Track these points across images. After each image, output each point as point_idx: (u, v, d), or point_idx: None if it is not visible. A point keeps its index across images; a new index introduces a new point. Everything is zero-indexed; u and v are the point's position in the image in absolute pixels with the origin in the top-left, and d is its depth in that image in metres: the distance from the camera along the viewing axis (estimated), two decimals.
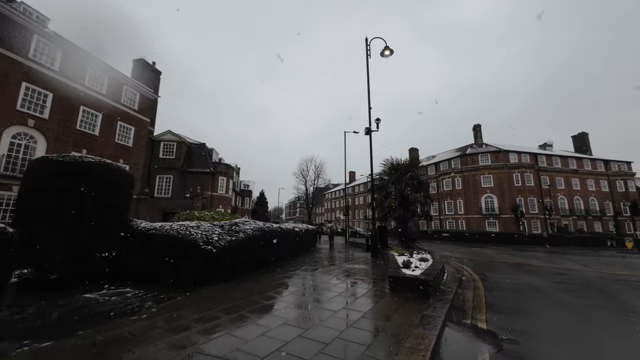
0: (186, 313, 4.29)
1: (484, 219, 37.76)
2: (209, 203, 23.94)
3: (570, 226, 38.58)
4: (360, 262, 10.67)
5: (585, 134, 46.73)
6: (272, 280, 6.70)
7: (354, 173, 78.14)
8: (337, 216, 71.71)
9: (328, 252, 15.19)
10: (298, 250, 13.39)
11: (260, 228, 8.40)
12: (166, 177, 23.36)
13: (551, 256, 16.08)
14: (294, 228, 13.11)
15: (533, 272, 9.70)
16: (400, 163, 14.55)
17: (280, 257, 10.30)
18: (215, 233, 6.80)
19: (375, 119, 14.12)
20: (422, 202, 13.74)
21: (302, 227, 15.12)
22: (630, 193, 42.68)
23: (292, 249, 12.14)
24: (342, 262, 10.65)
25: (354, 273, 8.19)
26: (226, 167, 26.34)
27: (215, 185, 24.92)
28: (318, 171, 40.91)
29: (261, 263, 8.45)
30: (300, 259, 11.18)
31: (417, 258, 9.11)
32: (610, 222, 40.97)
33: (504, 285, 7.27)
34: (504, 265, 11.60)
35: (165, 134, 23.97)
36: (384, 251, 12.09)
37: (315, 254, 13.40)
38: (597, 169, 42.64)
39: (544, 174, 39.17)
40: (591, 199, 40.97)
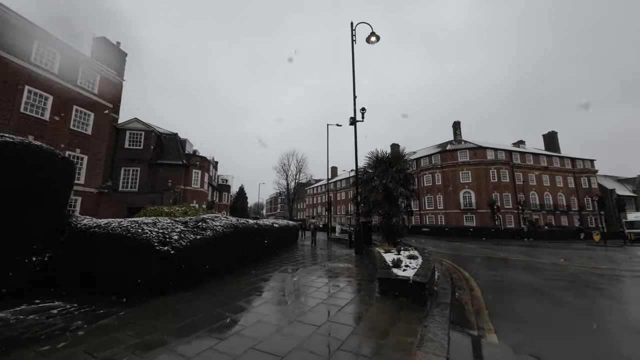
0: (123, 337, 3.26)
1: (462, 213, 38.70)
2: (182, 198, 22.25)
3: (541, 220, 40.51)
4: (345, 260, 9.94)
5: (555, 133, 49.18)
6: (245, 285, 5.74)
7: (336, 168, 77.75)
8: (318, 212, 71.18)
9: (310, 249, 14.37)
10: (278, 248, 12.46)
11: (233, 225, 7.37)
12: (133, 170, 21.33)
13: (531, 250, 16.32)
14: (272, 224, 12.14)
15: (521, 267, 9.45)
16: (385, 156, 13.93)
17: (258, 256, 9.33)
18: (176, 231, 5.71)
19: (360, 109, 13.39)
20: (408, 196, 13.24)
21: (282, 223, 14.18)
22: (592, 189, 45.60)
23: (271, 246, 11.18)
24: (325, 261, 9.86)
25: (338, 273, 7.41)
26: (201, 159, 24.61)
27: (189, 178, 23.20)
28: (300, 166, 39.88)
29: (234, 264, 7.45)
30: (280, 258, 10.26)
31: (406, 255, 8.50)
32: (576, 216, 43.57)
33: (498, 284, 6.81)
34: (490, 260, 11.38)
35: (131, 122, 21.82)
36: (369, 248, 11.46)
37: (297, 252, 12.53)
38: (565, 166, 45.06)
39: (518, 171, 40.76)
40: (559, 194, 43.27)
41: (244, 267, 7.72)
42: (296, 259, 10.29)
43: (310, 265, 8.64)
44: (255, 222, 9.60)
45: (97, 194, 18.36)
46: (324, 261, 9.76)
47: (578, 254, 14.36)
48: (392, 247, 10.77)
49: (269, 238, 10.87)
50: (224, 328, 3.58)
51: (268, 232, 10.71)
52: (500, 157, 39.99)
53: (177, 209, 14.68)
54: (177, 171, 22.48)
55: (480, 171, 38.64)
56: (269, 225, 11.09)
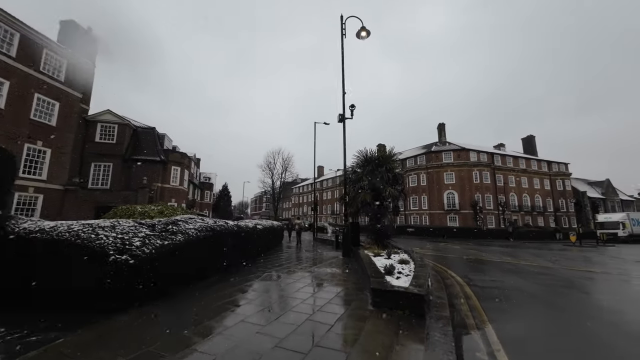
0: None
1: (446, 214, 39.28)
2: (159, 196, 20.90)
3: (519, 221, 41.86)
4: (332, 265, 9.38)
5: (533, 136, 51.08)
6: (219, 298, 5.04)
7: (323, 168, 77.32)
8: (304, 211, 70.49)
9: (295, 251, 13.72)
10: (261, 250, 11.73)
11: (209, 227, 6.61)
12: (104, 165, 19.76)
13: (514, 251, 16.48)
14: (255, 225, 11.39)
15: (512, 271, 9.28)
16: (374, 155, 13.51)
17: (238, 261, 8.59)
18: (139, 236, 4.91)
19: (349, 106, 12.86)
20: (397, 196, 12.89)
21: (265, 224, 13.45)
22: (567, 191, 47.74)
23: (253, 250, 10.46)
24: (311, 265, 9.26)
25: (325, 280, 6.83)
26: (181, 155, 23.26)
27: (167, 175, 21.84)
28: (286, 164, 38.97)
29: (211, 271, 6.69)
30: (263, 262, 9.56)
31: (397, 260, 8.06)
32: (551, 217, 45.42)
33: (494, 291, 6.46)
34: (478, 263, 11.20)
35: (103, 114, 20.21)
36: (357, 250, 10.98)
37: (281, 255, 11.85)
38: (542, 169, 46.86)
39: (499, 173, 41.90)
40: (536, 196, 44.91)
41: (223, 274, 6.98)
42: (280, 262, 9.62)
43: (295, 271, 8.01)
44: (236, 224, 8.85)
45: (62, 191, 16.79)
46: (309, 265, 9.16)
47: (562, 256, 14.57)
48: (381, 250, 10.34)
49: (251, 241, 10.14)
50: (187, 357, 2.89)
51: (250, 234, 9.98)
52: (482, 159, 40.94)
53: (153, 208, 13.62)
54: (154, 168, 21.10)
55: (464, 172, 39.37)
56: (251, 227, 10.35)
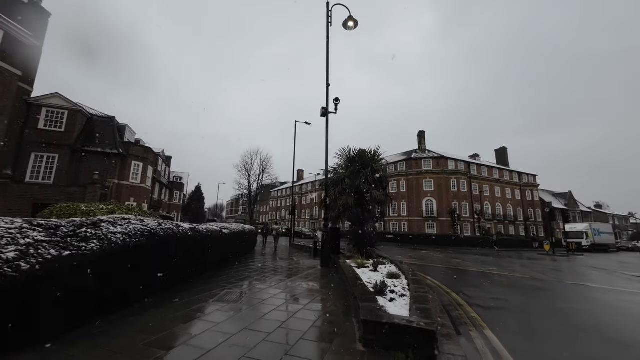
0: None
1: (424, 221, 39.33)
2: (114, 194, 18.38)
3: (493, 229, 42.99)
4: (309, 277, 8.01)
5: (505, 148, 53.35)
6: (146, 335, 3.49)
7: (302, 172, 75.98)
8: (282, 215, 68.41)
9: (269, 259, 12.16)
10: (228, 258, 10.09)
11: (147, 231, 5.00)
12: (48, 157, 16.98)
13: (498, 260, 16.02)
14: (221, 229, 9.76)
15: (508, 285, 8.46)
16: (358, 155, 12.42)
17: (193, 273, 6.97)
18: (21, 243, 3.27)
19: (333, 99, 11.70)
20: (382, 200, 11.84)
21: (234, 228, 11.81)
22: (535, 201, 50.06)
23: (215, 259, 8.82)
24: (284, 277, 7.82)
25: (300, 301, 5.46)
26: (144, 149, 20.81)
27: (126, 171, 19.35)
28: (264, 166, 37.02)
29: (147, 289, 5.07)
30: (227, 273, 7.97)
31: (386, 273, 6.86)
32: (521, 226, 47.21)
33: (503, 314, 5.43)
34: (469, 275, 10.32)
35: (50, 97, 17.47)
36: (337, 259, 9.71)
37: (252, 264, 10.27)
38: (513, 180, 48.83)
39: (475, 181, 42.92)
40: (508, 205, 46.56)
41: (165, 293, 5.37)
42: (248, 274, 8.09)
43: (263, 287, 6.54)
44: (193, 227, 7.24)
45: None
46: (283, 278, 7.72)
47: (545, 266, 14.27)
48: (365, 260, 9.15)
49: (213, 247, 8.52)
50: None
51: (213, 239, 8.37)
52: (460, 167, 41.73)
53: (102, 207, 11.53)
54: (110, 162, 18.58)
55: (442, 180, 39.80)
56: (214, 231, 8.73)
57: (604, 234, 37.94)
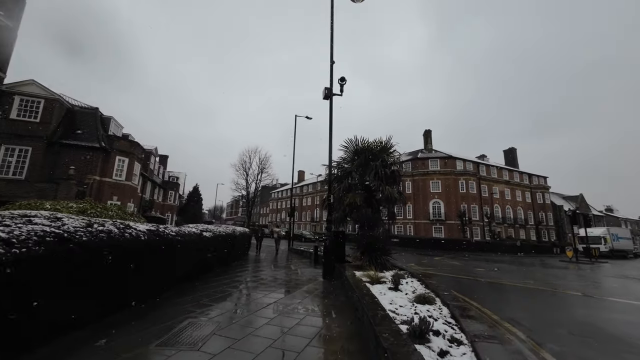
0: None
1: (431, 224, 37.38)
2: (96, 191, 16.67)
3: (503, 233, 40.93)
4: (308, 294, 6.19)
5: (514, 149, 51.35)
6: None
7: (303, 173, 74.22)
8: (282, 218, 66.53)
9: (262, 265, 10.34)
10: (211, 267, 8.28)
11: (52, 235, 3.21)
12: (21, 149, 15.31)
13: (529, 270, 14.04)
14: (202, 232, 7.99)
15: (571, 305, 6.64)
16: (367, 145, 10.63)
17: (151, 292, 5.19)
18: None
19: (338, 79, 9.94)
20: (395, 199, 10.03)
21: (223, 231, 10.03)
22: (546, 204, 47.92)
23: (191, 269, 7.04)
24: (278, 293, 5.99)
25: (294, 338, 3.64)
26: (130, 144, 19.09)
27: (109, 167, 17.64)
28: (262, 165, 35.25)
29: (54, 326, 3.27)
30: (203, 288, 6.18)
31: (412, 294, 5.03)
32: (532, 230, 45.07)
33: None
34: (510, 292, 8.38)
35: (25, 85, 15.83)
36: (342, 269, 7.91)
37: (239, 274, 8.47)
38: (524, 181, 46.79)
39: (484, 183, 40.96)
40: (518, 208, 44.49)
41: (93, 327, 3.57)
42: (230, 291, 6.28)
43: (245, 315, 4.73)
44: (153, 230, 5.45)
45: None
46: (275, 295, 5.90)
47: (583, 277, 12.35)
48: (377, 271, 7.33)
49: (186, 255, 6.74)
50: None
51: (186, 245, 6.59)
52: (468, 168, 39.82)
53: (72, 205, 9.79)
54: (91, 156, 16.88)
55: (450, 181, 37.89)
56: (188, 235, 6.95)
57: (623, 239, 35.84)
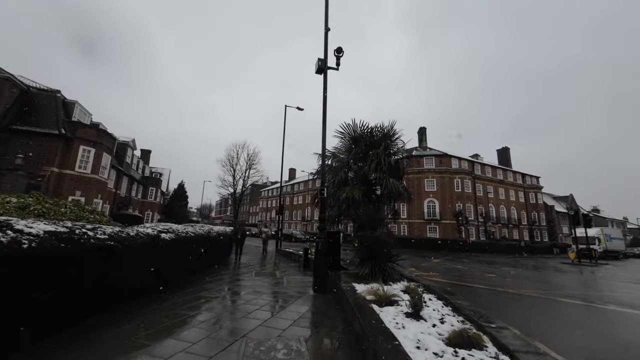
0: None
1: (426, 224, 36.28)
2: (54, 185, 14.49)
3: (497, 233, 40.28)
4: (293, 321, 4.50)
5: (507, 148, 50.94)
6: None
7: (295, 171, 72.35)
8: (272, 216, 64.53)
9: (242, 274, 8.58)
10: (172, 278, 6.45)
11: None
12: None
13: (545, 277, 12.76)
14: (158, 234, 6.21)
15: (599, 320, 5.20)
16: (367, 131, 9.02)
17: (78, 315, 3.42)
18: None
19: (334, 50, 8.29)
20: (400, 194, 8.47)
21: (191, 231, 8.25)
22: (539, 205, 47.70)
23: (143, 283, 5.27)
24: (252, 322, 4.29)
25: None
26: (97, 133, 16.89)
27: (71, 158, 15.45)
28: (251, 160, 33.25)
29: None
30: (147, 312, 4.41)
31: (445, 329, 3.43)
32: (525, 230, 44.67)
33: None
34: (553, 311, 6.90)
35: None
36: (338, 279, 6.31)
37: (207, 287, 6.71)
38: (517, 181, 46.37)
39: (479, 182, 40.17)
40: (512, 208, 43.99)
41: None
42: (184, 315, 4.53)
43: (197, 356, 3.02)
44: (72, 233, 3.69)
45: None
46: (248, 321, 4.21)
47: (602, 281, 11.13)
48: (383, 284, 5.76)
49: (130, 267, 4.98)
50: None
51: (131, 253, 4.83)
52: (464, 166, 38.92)
53: (11, 200, 8.00)
54: (48, 144, 14.67)
55: (445, 180, 36.86)
56: (139, 238, 5.18)
57: (615, 239, 35.63)
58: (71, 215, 10.27)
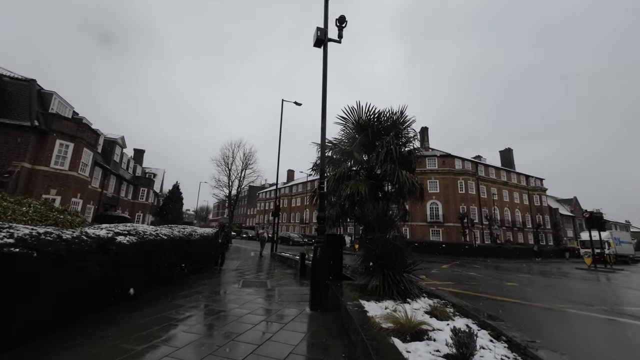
0: None
1: (429, 226, 34.95)
2: (24, 182, 13.10)
3: (502, 236, 38.98)
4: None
5: (511, 149, 49.84)
6: None
7: (293, 172, 71.09)
8: (269, 219, 63.06)
9: (225, 283, 7.19)
10: (136, 289, 5.04)
11: None
12: None
13: (564, 282, 11.49)
14: (112, 238, 4.88)
15: None
16: (373, 117, 7.72)
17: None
18: None
19: (336, 20, 7.01)
20: (414, 190, 7.17)
21: (165, 234, 6.90)
22: (543, 207, 46.47)
23: (85, 301, 3.90)
24: None
25: None
26: (76, 126, 15.49)
27: (45, 153, 14.07)
28: (247, 160, 31.89)
29: None
30: (97, 340, 3.03)
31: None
32: (530, 234, 43.38)
33: None
34: (582, 322, 5.69)
35: None
36: (339, 293, 4.98)
37: (178, 305, 5.29)
38: (521, 183, 45.20)
39: (482, 184, 38.94)
40: (516, 210, 42.75)
41: None
42: (121, 354, 3.17)
43: None
44: None
45: None
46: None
47: None
48: (401, 301, 4.43)
49: (60, 282, 3.63)
50: None
51: (62, 263, 3.48)
52: (467, 167, 37.70)
53: None
54: (19, 138, 13.33)
55: (449, 181, 35.61)
56: (85, 239, 3.82)
57: (624, 243, 34.40)
58: (34, 216, 8.81)
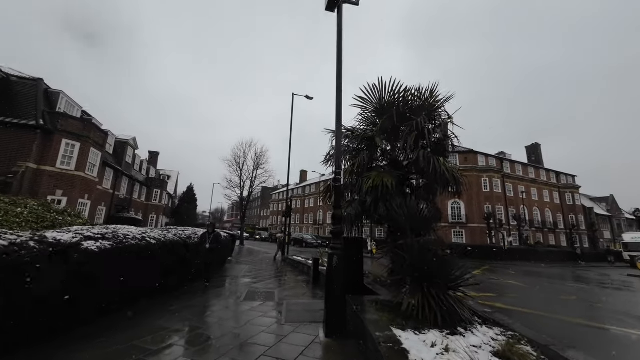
0: None
1: (451, 227, 32.78)
2: (29, 183, 12.72)
3: (531, 238, 36.12)
4: None
5: (538, 144, 46.52)
6: None
7: (306, 173, 70.21)
8: (283, 220, 62.38)
9: (224, 295, 6.10)
10: (111, 306, 3.97)
11: None
12: None
13: (632, 296, 9.65)
14: (77, 244, 3.84)
15: None
16: (399, 97, 6.38)
17: None
18: None
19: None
20: (456, 180, 5.81)
21: (155, 237, 5.91)
22: (576, 206, 42.87)
23: None
24: None
25: None
26: (83, 125, 15.11)
27: (51, 153, 13.70)
28: (259, 160, 31.20)
29: None
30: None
31: None
32: (562, 235, 40.08)
33: None
34: None
35: None
36: (363, 315, 3.68)
37: (158, 326, 4.19)
38: (551, 180, 41.95)
39: (508, 181, 36.31)
40: (546, 210, 39.64)
41: None
42: None
43: None
44: None
45: None
46: None
47: None
48: (445, 329, 3.11)
49: None
50: None
51: None
52: (491, 163, 35.24)
53: None
54: (24, 137, 12.99)
55: (472, 179, 33.30)
56: (32, 246, 2.79)
57: None
58: (29, 217, 8.13)
